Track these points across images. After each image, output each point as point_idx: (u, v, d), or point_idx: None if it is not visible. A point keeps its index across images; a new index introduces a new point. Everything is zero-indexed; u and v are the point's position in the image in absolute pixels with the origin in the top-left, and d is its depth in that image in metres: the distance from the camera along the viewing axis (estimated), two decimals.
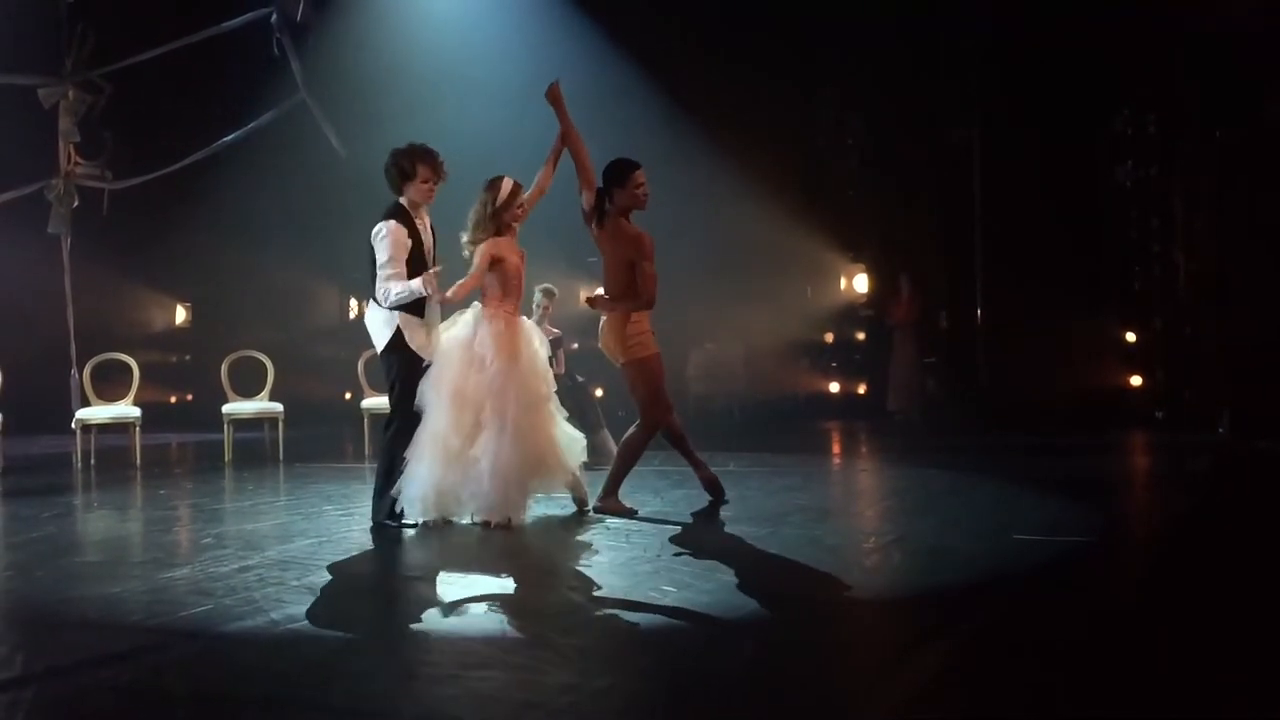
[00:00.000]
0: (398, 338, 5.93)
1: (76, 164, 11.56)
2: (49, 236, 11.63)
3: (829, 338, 15.12)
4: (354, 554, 5.22)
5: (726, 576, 4.68)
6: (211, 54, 12.17)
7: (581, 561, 5.17)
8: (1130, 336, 12.42)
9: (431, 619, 3.96)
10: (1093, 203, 12.31)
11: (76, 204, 11.64)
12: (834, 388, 14.94)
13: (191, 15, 11.92)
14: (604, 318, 6.27)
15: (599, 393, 9.95)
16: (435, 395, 5.89)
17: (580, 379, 8.80)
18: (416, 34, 13.20)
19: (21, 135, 11.89)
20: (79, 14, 11.34)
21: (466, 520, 5.95)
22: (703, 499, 6.45)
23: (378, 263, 5.90)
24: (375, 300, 6.00)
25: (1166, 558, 5.22)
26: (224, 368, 10.50)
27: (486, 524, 5.80)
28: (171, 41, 11.84)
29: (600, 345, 6.36)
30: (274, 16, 11.51)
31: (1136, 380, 12.29)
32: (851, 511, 6.29)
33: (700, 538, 5.67)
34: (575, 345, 11.15)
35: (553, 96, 6.39)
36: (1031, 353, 12.18)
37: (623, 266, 6.14)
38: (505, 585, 4.46)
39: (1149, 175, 12.10)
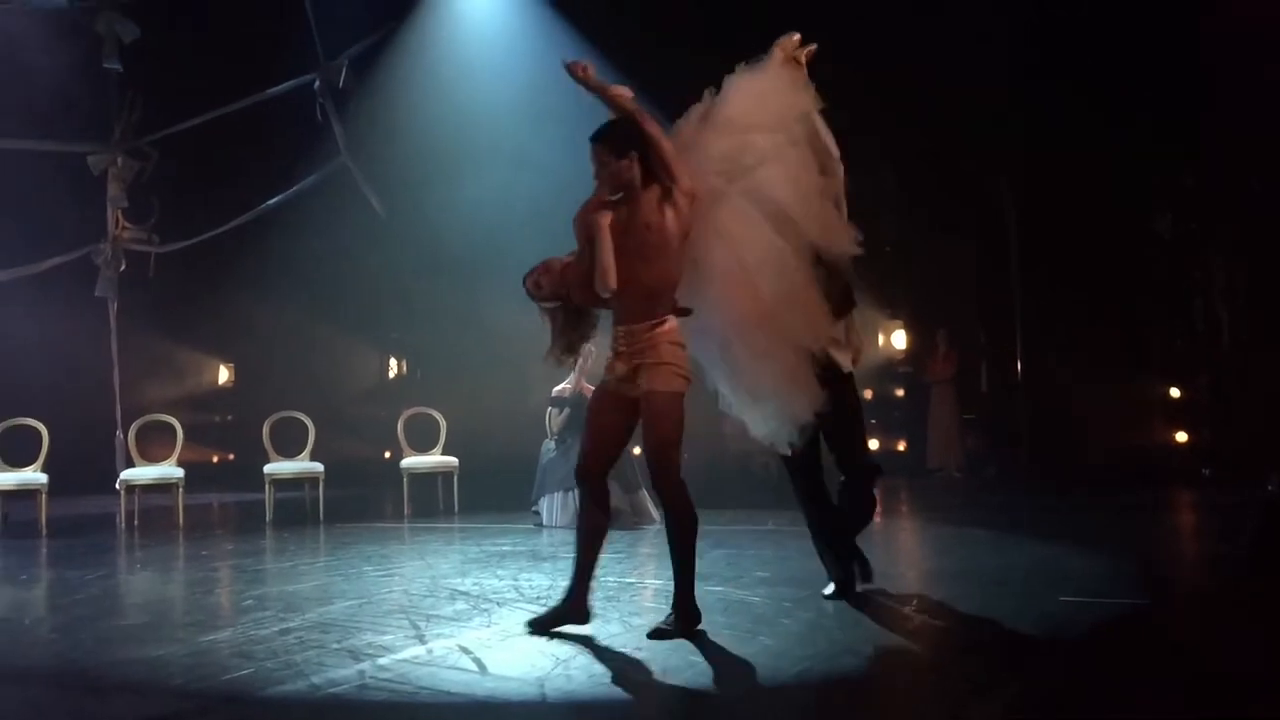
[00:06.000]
0: None
1: (124, 229, 11.83)
2: (96, 299, 11.88)
3: (868, 395, 15.03)
4: (393, 614, 5.22)
5: (766, 639, 4.63)
6: (256, 120, 12.45)
7: (610, 628, 5.12)
8: (1175, 392, 12.27)
9: (471, 683, 3.94)
10: (1132, 256, 12.23)
11: (124, 268, 11.90)
12: (873, 445, 14.84)
13: (236, 82, 12.22)
14: None
15: (635, 450, 9.90)
16: None
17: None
18: (454, 99, 13.40)
19: (70, 201, 12.19)
20: (127, 83, 11.67)
21: None
22: (744, 563, 6.48)
23: None
24: None
25: (1217, 620, 5.11)
26: (265, 428, 10.60)
27: None
28: (217, 108, 12.15)
29: None
30: (316, 83, 11.79)
31: (1182, 437, 12.11)
32: (893, 572, 6.21)
33: (738, 600, 5.63)
34: None
35: None
36: (1073, 409, 12.06)
37: None
38: (547, 649, 4.43)
39: (1189, 228, 12.02)
